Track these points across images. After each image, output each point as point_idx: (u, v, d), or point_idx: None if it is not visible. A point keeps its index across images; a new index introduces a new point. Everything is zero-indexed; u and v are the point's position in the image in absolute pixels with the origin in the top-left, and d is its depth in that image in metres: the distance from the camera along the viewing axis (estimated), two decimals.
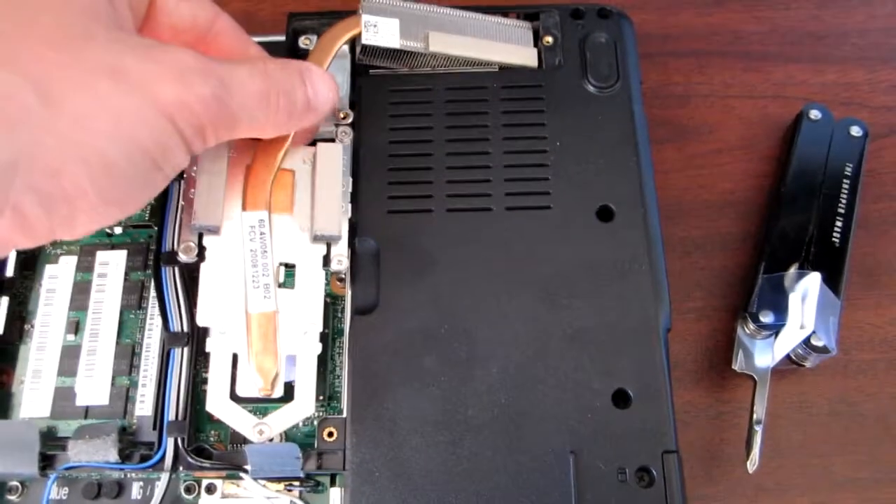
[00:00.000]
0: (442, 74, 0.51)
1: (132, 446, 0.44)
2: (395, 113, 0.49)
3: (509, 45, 0.51)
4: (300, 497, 0.44)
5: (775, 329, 0.48)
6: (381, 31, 0.48)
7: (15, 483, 0.44)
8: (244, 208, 0.43)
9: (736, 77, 0.58)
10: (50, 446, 0.44)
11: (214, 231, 0.44)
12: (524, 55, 0.50)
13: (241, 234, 0.43)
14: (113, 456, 0.43)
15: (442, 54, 0.50)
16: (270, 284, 0.43)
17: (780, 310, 0.48)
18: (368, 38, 0.48)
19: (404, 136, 0.49)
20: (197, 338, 0.46)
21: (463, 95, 0.50)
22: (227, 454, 0.44)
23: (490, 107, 0.49)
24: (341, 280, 0.47)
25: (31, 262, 0.49)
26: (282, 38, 0.53)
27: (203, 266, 0.44)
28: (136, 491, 0.44)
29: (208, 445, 0.45)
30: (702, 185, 0.55)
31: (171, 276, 0.46)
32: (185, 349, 0.45)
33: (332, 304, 0.48)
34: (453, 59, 0.50)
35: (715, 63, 0.58)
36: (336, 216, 0.44)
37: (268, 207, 0.44)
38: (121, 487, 0.45)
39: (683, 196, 0.52)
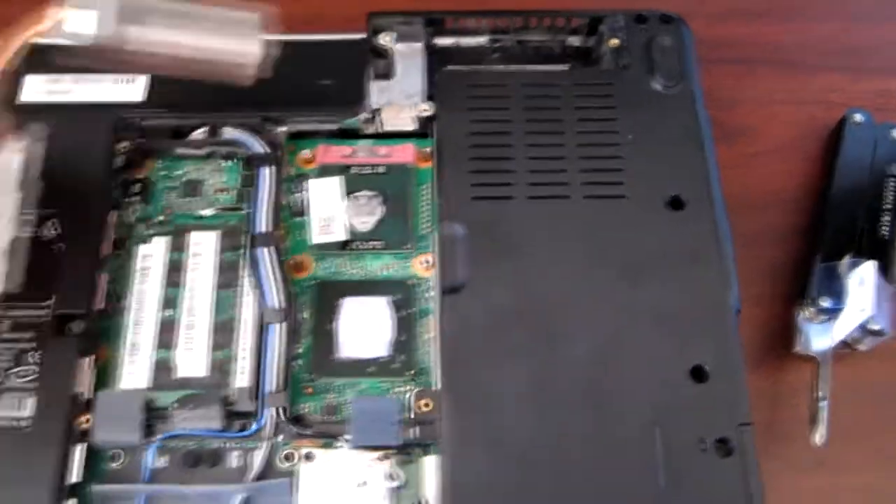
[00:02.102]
0: (515, 72, 0.54)
1: (232, 416, 0.46)
2: (474, 106, 0.52)
3: (228, 39, 0.47)
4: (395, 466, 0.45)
5: (833, 313, 0.51)
6: (71, 26, 0.44)
7: (116, 451, 0.45)
8: None
9: (779, 84, 0.61)
10: (150, 416, 0.46)
11: None
12: (243, 50, 0.47)
13: None
14: (217, 424, 0.45)
15: (145, 49, 0.46)
16: None
17: (838, 295, 0.51)
18: (58, 34, 0.45)
19: (484, 128, 0.51)
20: (292, 313, 0.47)
21: (537, 91, 0.52)
22: (326, 423, 0.45)
23: (563, 102, 0.52)
24: (427, 262, 0.49)
25: (121, 241, 0.51)
26: (363, 35, 0.54)
27: None
28: (234, 459, 0.46)
29: (306, 416, 0.46)
30: (750, 184, 0.58)
31: (265, 255, 0.48)
32: (283, 324, 0.46)
33: (416, 285, 0.49)
34: (163, 55, 0.46)
35: (759, 70, 0.62)
36: None
37: None
38: (219, 456, 0.46)
39: (734, 193, 0.55)
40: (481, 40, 0.57)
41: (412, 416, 0.46)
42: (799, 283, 0.54)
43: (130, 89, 0.55)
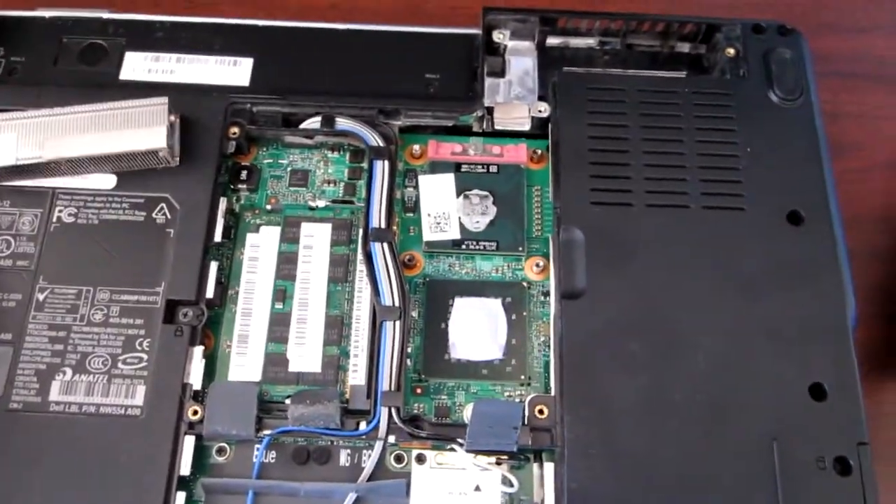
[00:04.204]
0: (632, 77, 0.52)
1: (345, 414, 0.44)
2: (593, 110, 0.51)
3: (137, 131, 0.48)
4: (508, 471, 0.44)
5: None
6: None
7: (223, 445, 0.44)
8: None
9: (883, 99, 0.61)
10: (263, 410, 0.45)
11: None
12: (152, 138, 0.48)
13: None
14: (335, 422, 0.43)
15: (63, 159, 0.48)
16: None
17: None
18: None
19: (602, 132, 0.50)
20: (407, 311, 0.46)
21: (655, 97, 0.51)
22: (441, 425, 0.45)
23: (681, 109, 0.51)
24: (539, 265, 0.48)
25: (229, 229, 0.50)
26: (478, 31, 0.54)
27: None
28: (343, 458, 0.45)
29: (422, 416, 0.45)
30: (854, 199, 0.57)
31: (381, 251, 0.47)
32: (398, 322, 0.45)
33: (528, 288, 0.48)
34: (80, 159, 0.48)
35: (862, 86, 0.61)
36: None
37: None
38: (328, 454, 0.45)
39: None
40: (590, 42, 0.55)
41: (526, 422, 0.44)
42: None
43: (236, 73, 0.53)
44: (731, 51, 0.53)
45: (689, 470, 0.43)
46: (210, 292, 0.47)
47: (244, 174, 0.51)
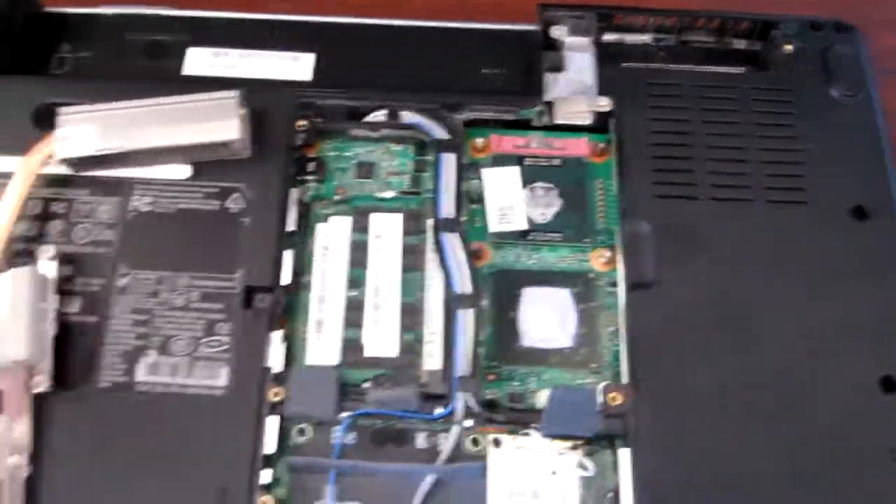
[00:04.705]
0: (693, 72, 0.53)
1: (422, 398, 0.45)
2: (654, 104, 0.52)
3: (212, 123, 0.49)
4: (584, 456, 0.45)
5: None
6: (76, 142, 0.47)
7: (303, 426, 0.45)
8: None
9: None
10: (342, 392, 0.45)
11: None
12: (224, 130, 0.49)
13: None
14: (412, 405, 0.44)
15: (142, 149, 0.48)
16: None
17: None
18: (62, 152, 0.47)
19: (664, 126, 0.51)
20: (479, 299, 0.47)
21: (716, 93, 0.52)
22: (516, 410, 0.45)
23: (742, 105, 0.52)
24: (605, 257, 0.49)
25: (300, 219, 0.51)
26: (535, 27, 0.55)
27: None
28: (420, 441, 0.45)
29: (498, 401, 0.46)
30: None
31: (451, 241, 0.48)
32: (471, 310, 0.46)
33: (594, 279, 0.49)
34: (157, 150, 0.49)
35: None
36: (25, 341, 0.44)
37: None
38: (406, 436, 0.45)
39: None
40: (645, 38, 0.56)
41: (600, 408, 0.45)
42: None
43: (297, 68, 0.54)
44: (789, 47, 0.54)
45: (759, 461, 0.44)
46: (286, 279, 0.47)
47: (311, 166, 0.51)
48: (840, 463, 0.44)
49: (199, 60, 0.55)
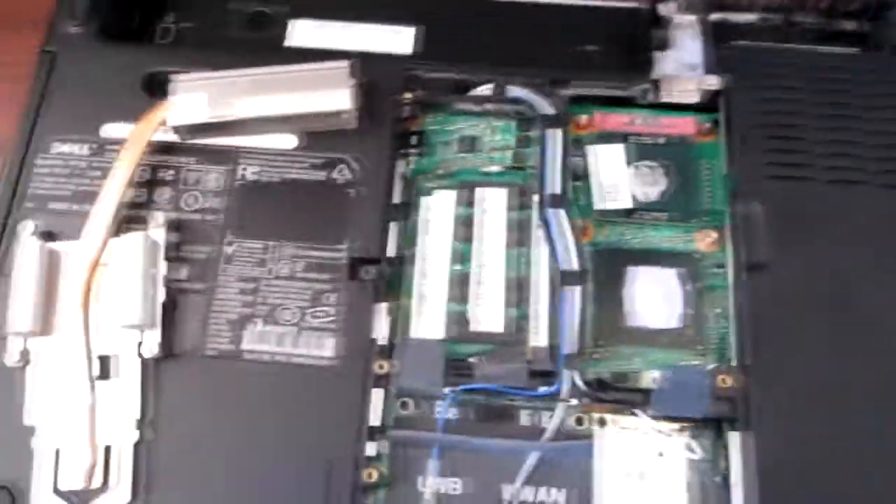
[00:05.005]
0: (806, 52, 0.52)
1: (529, 375, 0.44)
2: (767, 84, 0.51)
3: (324, 92, 0.48)
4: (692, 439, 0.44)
5: None
6: (188, 109, 0.47)
7: (407, 399, 0.45)
8: (60, 309, 0.44)
9: None
10: (449, 366, 0.45)
11: (30, 335, 0.44)
12: (338, 99, 0.48)
13: (60, 332, 0.44)
14: (521, 381, 0.44)
15: (252, 118, 0.48)
16: (86, 380, 0.43)
17: None
18: (174, 120, 0.47)
19: (776, 106, 0.50)
20: (586, 276, 0.46)
21: (829, 73, 0.51)
22: (623, 389, 0.44)
23: (856, 86, 0.51)
24: (711, 237, 0.48)
25: (406, 192, 0.51)
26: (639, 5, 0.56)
27: (28, 369, 0.44)
28: (524, 418, 0.45)
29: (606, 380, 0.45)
30: None
31: (557, 217, 0.47)
32: (577, 287, 0.45)
33: (700, 260, 0.48)
34: (267, 119, 0.48)
35: None
36: (138, 306, 0.44)
37: (84, 303, 0.43)
38: (510, 413, 0.45)
39: None
40: (750, 17, 0.55)
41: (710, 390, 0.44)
42: None
43: (400, 40, 0.54)
44: None
45: (878, 450, 0.43)
46: (392, 251, 0.47)
47: (414, 139, 0.51)
48: None
49: (302, 32, 0.54)
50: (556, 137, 0.50)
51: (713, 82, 0.51)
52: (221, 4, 0.56)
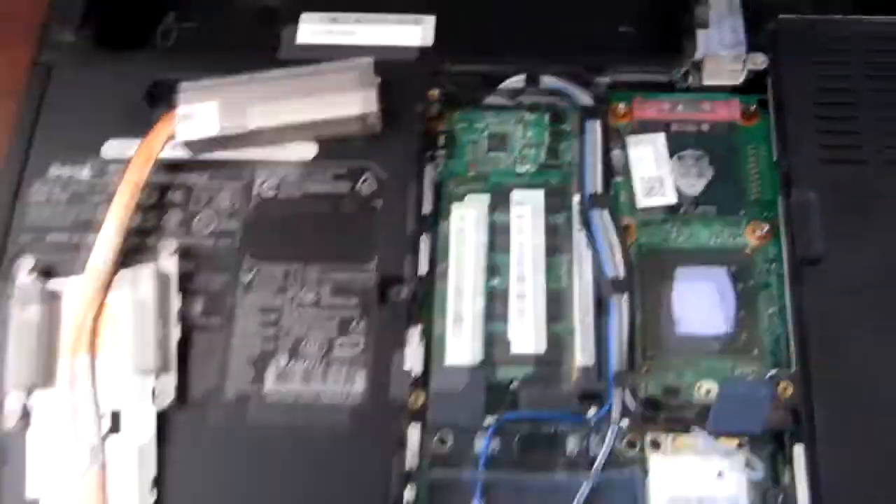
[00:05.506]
0: (859, 22, 0.48)
1: (576, 398, 0.42)
2: (818, 60, 0.47)
3: (345, 95, 0.45)
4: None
5: None
6: (197, 121, 0.44)
7: (444, 432, 0.42)
8: (62, 356, 0.41)
9: None
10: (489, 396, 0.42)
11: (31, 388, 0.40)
12: (361, 102, 0.45)
13: (63, 386, 0.40)
14: (569, 406, 0.41)
15: (268, 128, 0.45)
16: (95, 443, 0.39)
17: None
18: (184, 133, 0.44)
19: (828, 83, 0.47)
20: (633, 283, 0.43)
21: (885, 45, 0.47)
22: (676, 407, 0.42)
23: None
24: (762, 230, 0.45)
25: (436, 199, 0.47)
26: None
27: (29, 433, 0.40)
28: (571, 444, 0.42)
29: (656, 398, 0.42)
30: None
31: (601, 219, 0.43)
32: (625, 296, 0.42)
33: (752, 255, 0.45)
34: (284, 127, 0.45)
35: None
36: (151, 349, 0.40)
37: (90, 347, 0.40)
38: (556, 440, 0.42)
39: None
40: None
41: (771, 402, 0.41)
42: None
43: (419, 32, 0.50)
44: None
45: None
46: (423, 267, 0.44)
47: (441, 140, 0.47)
48: None
49: (313, 27, 0.51)
50: (595, 130, 0.46)
51: (760, 61, 0.47)
52: (227, 1, 0.51)
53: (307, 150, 0.45)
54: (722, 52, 0.48)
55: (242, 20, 0.51)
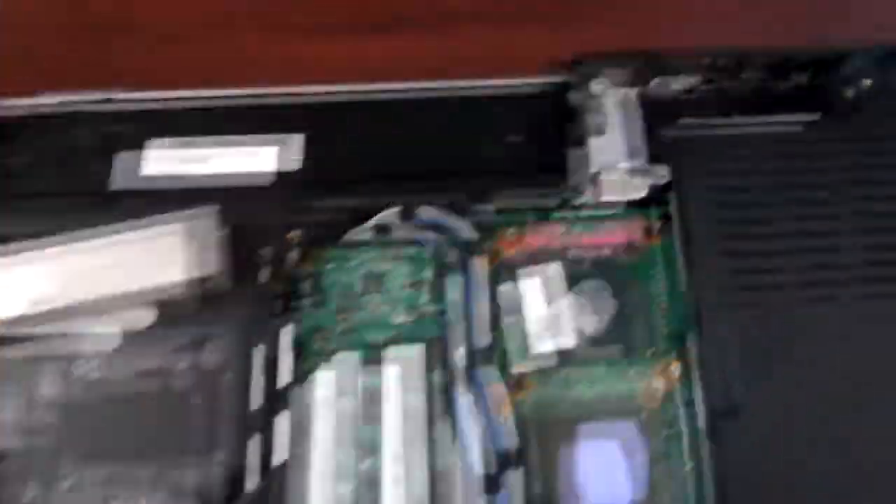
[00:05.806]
0: (757, 124, 0.45)
1: None
2: (720, 170, 0.42)
3: (183, 254, 0.39)
4: None
5: None
6: (5, 298, 0.38)
7: None
8: None
9: None
10: None
11: None
12: (201, 264, 0.39)
13: None
14: None
15: (90, 300, 0.39)
16: None
17: None
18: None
19: (735, 198, 0.42)
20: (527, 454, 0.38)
21: (790, 148, 0.43)
22: None
23: (824, 160, 0.43)
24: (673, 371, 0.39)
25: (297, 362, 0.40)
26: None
27: None
28: None
29: None
30: None
31: (487, 378, 0.38)
32: (519, 471, 0.36)
33: (664, 402, 0.40)
34: (111, 297, 0.39)
35: None
36: None
37: None
38: None
39: None
40: (691, 81, 0.45)
41: None
42: None
43: (278, 156, 0.44)
44: (868, 82, 0.43)
45: None
46: (282, 454, 0.37)
47: (307, 286, 0.40)
48: None
49: (161, 155, 0.43)
50: (478, 271, 0.40)
51: (664, 174, 0.41)
52: (62, 130, 0.45)
53: (143, 318, 0.38)
54: (620, 162, 0.42)
55: (81, 154, 0.44)
